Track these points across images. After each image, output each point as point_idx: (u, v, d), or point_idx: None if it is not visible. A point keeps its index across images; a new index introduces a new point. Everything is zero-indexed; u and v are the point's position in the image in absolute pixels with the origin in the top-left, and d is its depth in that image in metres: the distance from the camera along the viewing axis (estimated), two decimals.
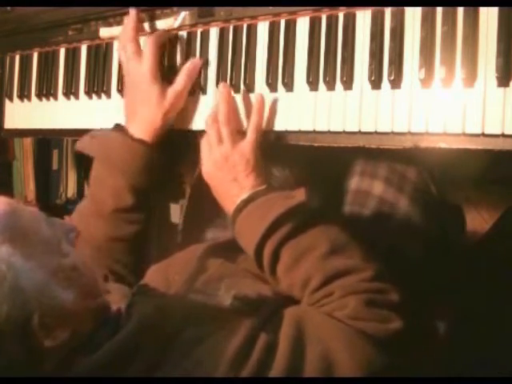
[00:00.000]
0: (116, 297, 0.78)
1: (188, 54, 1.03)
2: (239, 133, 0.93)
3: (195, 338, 0.67)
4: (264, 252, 0.81)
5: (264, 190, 0.86)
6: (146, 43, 0.99)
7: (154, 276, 0.89)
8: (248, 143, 0.89)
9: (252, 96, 0.95)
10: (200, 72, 1.01)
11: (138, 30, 1.02)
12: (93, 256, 0.93)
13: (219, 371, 0.64)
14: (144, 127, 0.97)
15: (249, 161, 0.88)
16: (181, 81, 0.98)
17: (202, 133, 1.00)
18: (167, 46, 1.05)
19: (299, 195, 0.83)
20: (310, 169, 1.08)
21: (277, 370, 0.66)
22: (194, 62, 0.99)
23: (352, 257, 0.79)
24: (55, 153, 1.89)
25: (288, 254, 0.80)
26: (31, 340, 0.63)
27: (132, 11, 1.03)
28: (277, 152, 0.99)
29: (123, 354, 0.66)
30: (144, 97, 0.97)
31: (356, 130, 0.85)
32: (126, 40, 1.01)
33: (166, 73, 1.03)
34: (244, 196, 0.86)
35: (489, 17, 0.77)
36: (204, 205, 1.16)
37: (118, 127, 1.00)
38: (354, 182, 1.05)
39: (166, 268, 0.90)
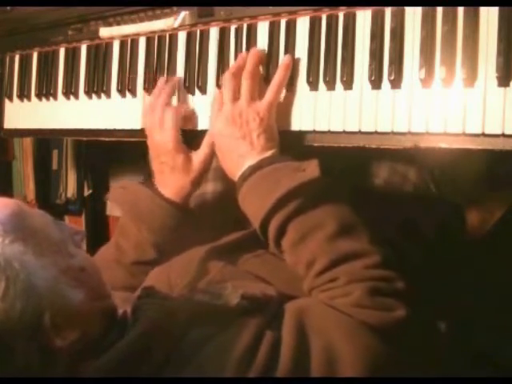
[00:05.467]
0: (118, 300, 0.78)
1: (188, 54, 1.03)
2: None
3: (203, 337, 0.67)
4: (270, 226, 0.80)
5: (273, 155, 0.84)
6: (168, 114, 0.97)
7: (156, 279, 0.89)
8: (265, 102, 0.87)
9: None
10: (199, 72, 1.01)
11: (171, 97, 1.01)
12: None
13: (228, 369, 0.64)
14: (174, 191, 0.97)
15: (263, 120, 0.86)
16: (204, 149, 0.97)
17: (202, 132, 1.00)
18: (167, 46, 1.06)
19: (311, 169, 0.80)
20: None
21: (283, 364, 0.65)
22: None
23: (359, 239, 0.77)
24: (55, 153, 1.88)
25: (294, 231, 0.79)
26: (43, 338, 0.63)
27: (176, 78, 1.03)
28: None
29: (131, 356, 0.66)
30: (171, 165, 0.96)
31: (356, 130, 0.85)
32: (158, 104, 0.99)
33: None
34: (251, 162, 0.84)
35: (489, 17, 0.77)
36: (205, 206, 1.17)
37: (149, 184, 0.99)
38: None
39: (167, 270, 0.90)
